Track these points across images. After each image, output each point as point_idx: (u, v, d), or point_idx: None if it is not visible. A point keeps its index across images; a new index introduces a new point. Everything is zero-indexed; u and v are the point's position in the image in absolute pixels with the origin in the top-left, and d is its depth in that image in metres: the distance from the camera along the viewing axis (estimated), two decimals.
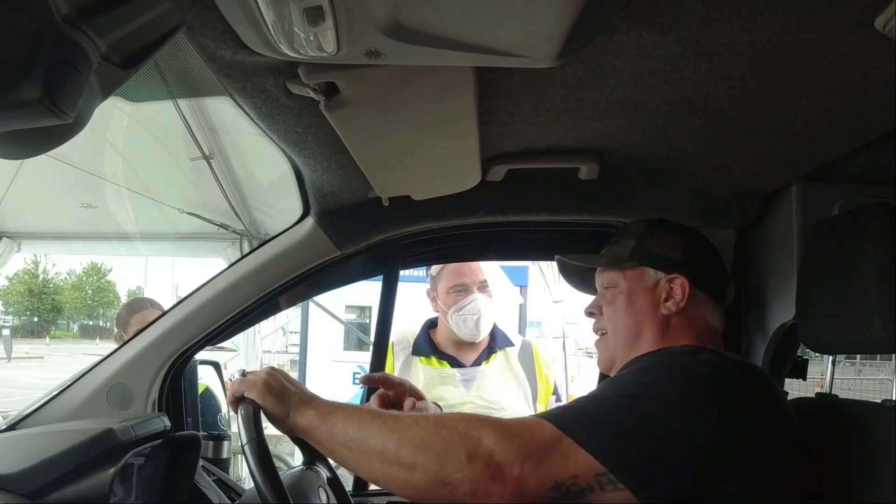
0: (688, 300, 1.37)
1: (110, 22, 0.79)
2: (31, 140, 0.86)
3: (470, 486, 1.03)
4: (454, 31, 0.85)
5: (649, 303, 1.39)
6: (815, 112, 1.27)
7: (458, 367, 2.46)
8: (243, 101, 1.17)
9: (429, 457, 1.05)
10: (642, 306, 1.40)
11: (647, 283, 1.41)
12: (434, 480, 1.04)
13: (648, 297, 1.40)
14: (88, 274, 46.08)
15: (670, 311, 1.37)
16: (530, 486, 1.03)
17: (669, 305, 1.37)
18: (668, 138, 1.47)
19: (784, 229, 1.72)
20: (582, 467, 1.04)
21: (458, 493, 1.03)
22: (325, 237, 1.87)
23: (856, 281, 1.28)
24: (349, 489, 1.93)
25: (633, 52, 1.06)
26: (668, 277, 1.39)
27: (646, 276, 1.42)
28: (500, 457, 1.03)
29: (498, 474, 1.02)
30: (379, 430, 1.10)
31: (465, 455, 1.03)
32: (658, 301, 1.38)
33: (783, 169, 1.63)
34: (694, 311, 1.38)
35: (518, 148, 1.57)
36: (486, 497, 1.03)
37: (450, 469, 1.03)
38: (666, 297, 1.38)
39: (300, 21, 0.80)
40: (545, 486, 1.04)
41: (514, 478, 1.02)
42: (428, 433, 1.07)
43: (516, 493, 1.02)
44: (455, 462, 1.03)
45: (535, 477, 1.03)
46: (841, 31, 0.98)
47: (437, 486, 1.04)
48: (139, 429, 1.32)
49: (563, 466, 1.04)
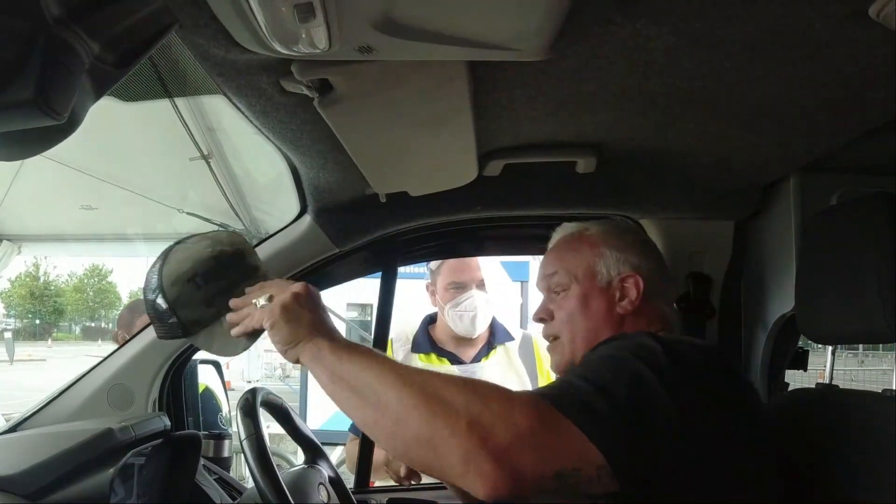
0: (642, 298, 1.36)
1: (102, 22, 0.79)
2: (25, 141, 0.86)
3: (461, 455, 0.95)
4: (445, 25, 0.85)
5: (604, 304, 1.37)
6: (813, 103, 1.27)
7: (457, 363, 2.46)
8: (237, 100, 1.17)
9: (424, 411, 0.98)
10: (597, 308, 1.37)
11: (601, 284, 1.38)
12: (423, 440, 0.98)
13: (602, 298, 1.37)
14: (89, 275, 46.14)
15: (626, 311, 1.36)
16: (528, 472, 0.96)
17: (625, 304, 1.36)
18: (665, 131, 1.47)
19: (783, 221, 1.72)
20: (585, 460, 0.97)
21: (448, 461, 0.97)
22: (322, 235, 1.87)
23: (855, 271, 1.28)
24: (351, 487, 1.93)
25: (627, 43, 1.06)
26: (620, 277, 1.37)
27: (597, 276, 1.39)
28: (500, 437, 0.95)
29: (493, 454, 0.95)
30: (382, 371, 1.04)
31: (465, 420, 0.96)
32: (612, 302, 1.36)
33: (781, 160, 1.63)
34: (648, 308, 1.37)
35: (515, 142, 1.57)
36: (478, 474, 0.95)
37: (443, 431, 0.96)
38: (620, 297, 1.37)
39: (291, 18, 0.79)
40: (546, 475, 0.96)
41: (510, 461, 0.95)
42: (432, 384, 1.01)
43: (512, 477, 0.95)
44: (452, 424, 0.96)
45: (535, 465, 0.95)
46: (836, 20, 0.97)
47: (426, 445, 0.98)
48: (139, 429, 1.32)
49: (566, 455, 0.97)
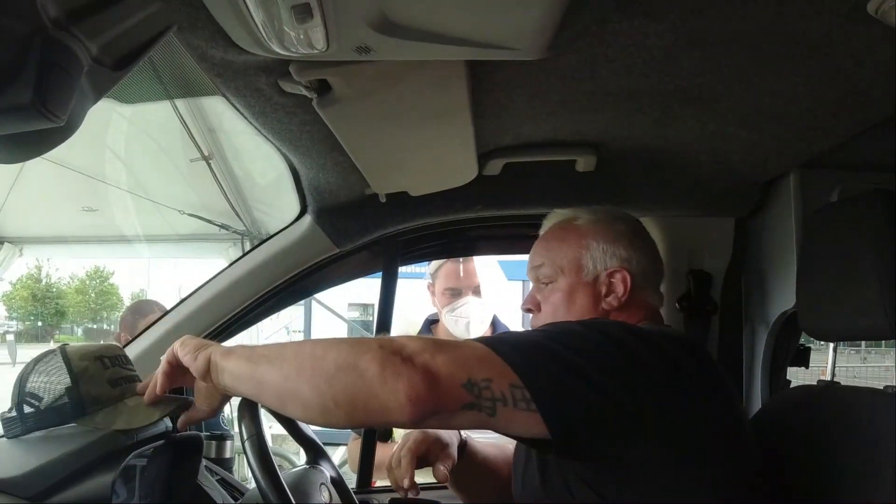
0: (630, 292, 1.33)
1: (100, 24, 0.79)
2: (25, 144, 0.86)
3: (378, 366, 0.97)
4: (443, 24, 0.85)
5: (590, 298, 1.35)
6: (812, 100, 1.27)
7: None
8: (236, 101, 1.17)
9: (341, 348, 1.02)
10: (582, 303, 1.35)
11: (587, 279, 1.36)
12: (343, 364, 0.99)
13: (588, 292, 1.35)
14: (91, 277, 46.08)
15: (611, 307, 1.34)
16: (442, 374, 0.97)
17: (611, 300, 1.34)
18: (665, 129, 1.47)
19: (783, 217, 1.72)
20: (498, 373, 0.99)
21: (367, 375, 0.98)
22: (323, 235, 1.87)
23: (856, 267, 1.28)
24: (352, 487, 1.93)
25: (626, 42, 1.06)
26: (608, 272, 1.35)
27: (583, 270, 1.36)
28: (413, 347, 0.99)
29: (408, 358, 0.98)
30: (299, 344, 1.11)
31: (376, 343, 1.00)
32: (598, 296, 1.34)
33: (781, 157, 1.63)
34: (636, 301, 1.35)
35: (514, 141, 1.57)
36: (395, 377, 0.96)
37: (359, 354, 0.99)
38: (607, 293, 1.34)
39: (289, 19, 0.80)
40: (458, 379, 0.98)
41: (423, 361, 0.97)
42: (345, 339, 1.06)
43: (427, 375, 0.96)
44: (366, 348, 1.00)
45: (447, 367, 0.98)
46: (834, 17, 0.97)
47: (346, 369, 0.99)
48: (141, 430, 1.32)
49: (479, 367, 0.99)
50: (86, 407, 1.29)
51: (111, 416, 1.30)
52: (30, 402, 1.29)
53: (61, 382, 1.29)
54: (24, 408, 1.29)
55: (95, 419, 1.29)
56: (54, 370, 1.30)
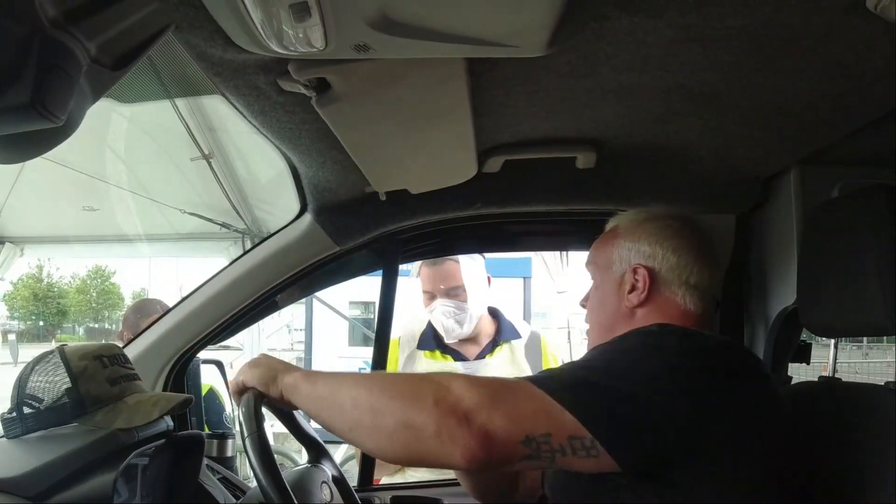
0: (650, 289, 1.35)
1: (98, 24, 0.79)
2: (24, 143, 0.86)
3: (435, 427, 1.00)
4: (442, 22, 0.85)
5: (615, 296, 1.39)
6: (812, 95, 1.27)
7: (461, 360, 2.46)
8: (235, 99, 1.17)
9: (398, 402, 1.05)
10: (609, 300, 1.40)
11: (615, 277, 1.40)
12: (400, 422, 1.03)
13: (614, 290, 1.39)
14: (92, 277, 46.13)
15: (633, 304, 1.36)
16: (499, 435, 1.00)
17: (632, 298, 1.36)
18: (665, 125, 1.47)
19: (784, 213, 1.72)
20: (556, 426, 1.02)
21: (424, 437, 1.01)
22: (323, 233, 1.87)
23: (856, 263, 1.28)
24: (355, 486, 1.94)
25: (624, 38, 1.06)
26: (632, 268, 1.37)
27: (613, 268, 1.41)
28: (468, 403, 1.01)
29: (464, 419, 1.00)
30: (356, 380, 1.11)
31: (432, 399, 1.02)
32: (623, 294, 1.37)
33: (782, 153, 1.62)
34: (661, 299, 1.36)
35: (514, 138, 1.57)
36: (451, 441, 1.00)
37: (416, 411, 1.02)
38: (630, 289, 1.37)
39: (287, 17, 0.79)
40: (515, 437, 1.01)
41: (481, 424, 1.00)
42: (401, 381, 1.10)
43: (484, 439, 1.00)
44: (422, 404, 1.02)
45: (505, 427, 1.00)
46: (833, 13, 0.97)
47: (404, 429, 1.03)
48: (142, 430, 1.32)
49: (536, 422, 1.02)
50: (86, 406, 1.30)
51: (111, 414, 1.30)
52: (30, 402, 1.29)
53: (61, 382, 1.30)
54: (24, 409, 1.29)
55: (95, 418, 1.29)
56: (53, 370, 1.31)
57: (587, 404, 1.04)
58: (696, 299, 1.36)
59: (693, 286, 1.36)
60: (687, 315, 1.36)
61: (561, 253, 6.16)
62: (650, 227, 1.40)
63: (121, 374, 1.37)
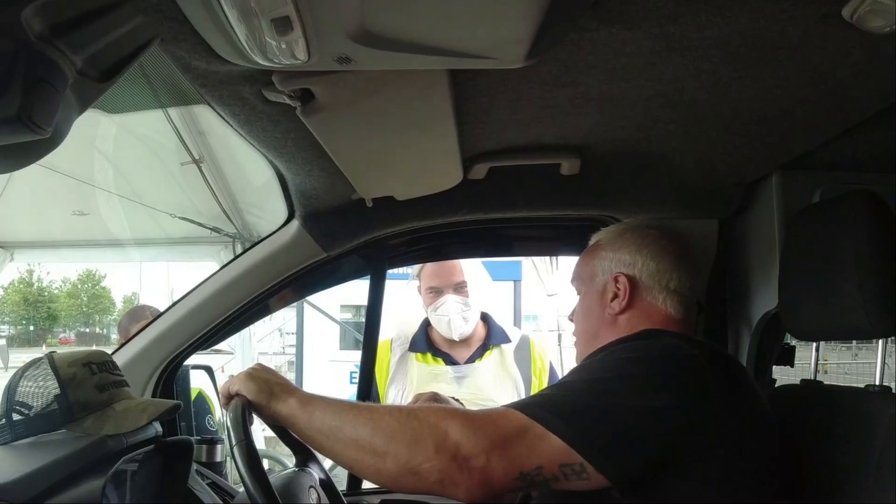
0: (631, 296, 1.39)
1: (84, 38, 0.80)
2: (11, 154, 0.87)
3: (438, 475, 1.07)
4: (422, 35, 0.86)
5: (599, 305, 1.43)
6: (791, 103, 1.29)
7: (451, 364, 2.47)
8: (221, 109, 1.18)
9: (399, 446, 1.09)
10: (594, 309, 1.45)
11: (598, 287, 1.45)
12: (404, 469, 1.09)
13: (598, 299, 1.44)
14: (83, 281, 45.87)
15: (615, 311, 1.40)
16: (496, 476, 1.07)
17: (614, 305, 1.40)
18: (647, 132, 1.48)
19: (766, 218, 1.73)
20: (547, 457, 1.07)
21: (427, 482, 1.08)
22: (310, 240, 1.88)
23: (837, 267, 1.29)
24: (343, 489, 1.94)
25: (604, 49, 1.07)
26: (613, 277, 1.41)
27: (595, 279, 1.45)
28: (467, 448, 1.07)
29: (464, 465, 1.06)
30: (355, 418, 1.13)
31: (433, 446, 1.07)
32: (606, 302, 1.41)
33: (763, 159, 1.64)
34: (643, 304, 1.40)
35: (498, 146, 1.58)
36: (453, 486, 1.07)
37: (419, 459, 1.08)
38: (612, 297, 1.41)
39: (270, 31, 0.81)
40: (511, 476, 1.08)
41: (479, 468, 1.06)
42: (399, 423, 1.12)
43: (482, 482, 1.07)
44: (424, 452, 1.08)
45: (501, 467, 1.07)
46: (810, 22, 0.99)
47: (408, 474, 1.09)
48: (131, 436, 1.33)
49: (528, 457, 1.07)
50: (74, 413, 1.30)
51: (100, 421, 1.31)
52: (19, 409, 1.30)
53: (50, 389, 1.30)
54: (14, 415, 1.30)
55: (84, 425, 1.30)
56: (43, 377, 1.31)
57: (574, 428, 1.08)
58: (677, 303, 1.40)
59: (673, 290, 1.40)
60: (668, 319, 1.39)
61: (550, 257, 6.19)
62: (629, 237, 1.45)
63: (109, 381, 1.38)
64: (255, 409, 1.18)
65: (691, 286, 1.42)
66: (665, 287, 1.39)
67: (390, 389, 2.48)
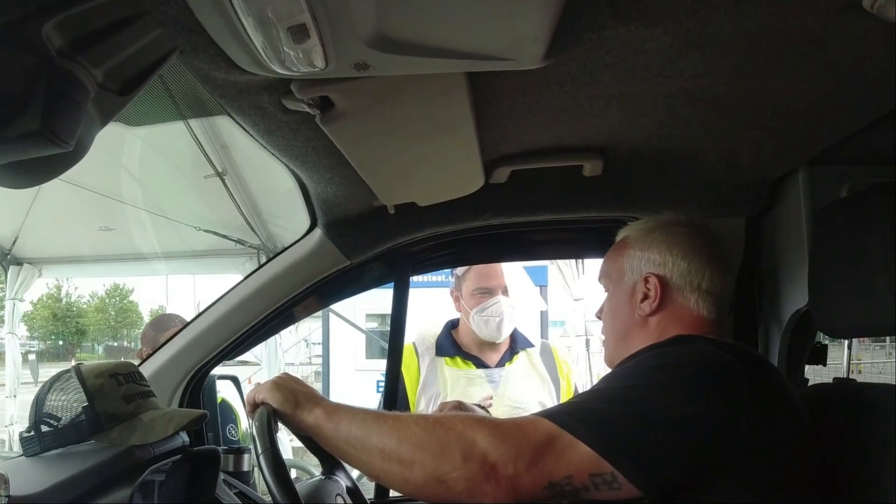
0: (663, 297, 1.35)
1: (104, 52, 0.81)
2: (36, 169, 0.88)
3: (465, 484, 1.05)
4: (439, 39, 0.86)
5: (628, 306, 1.39)
6: (814, 97, 1.27)
7: (482, 367, 2.47)
8: (241, 119, 1.19)
9: (426, 455, 1.08)
10: (623, 310, 1.41)
11: (627, 287, 1.41)
12: (431, 478, 1.07)
13: (627, 299, 1.40)
14: (111, 295, 46.45)
15: (645, 312, 1.36)
16: (524, 485, 1.05)
17: (644, 306, 1.36)
18: (670, 131, 1.47)
19: (793, 215, 1.71)
20: (576, 466, 1.05)
21: (455, 492, 1.06)
22: (333, 248, 1.88)
23: (867, 263, 1.27)
24: (370, 497, 1.94)
25: (623, 47, 1.06)
26: (643, 277, 1.38)
27: (624, 278, 1.42)
28: (494, 457, 1.05)
29: (492, 474, 1.04)
30: (380, 428, 1.13)
31: (460, 455, 1.06)
32: (636, 303, 1.38)
33: (788, 155, 1.62)
34: (674, 306, 1.36)
35: (519, 149, 1.57)
36: (482, 496, 1.05)
37: (446, 468, 1.06)
38: (643, 298, 1.37)
39: (287, 39, 0.81)
40: (539, 485, 1.05)
41: (507, 477, 1.05)
42: (426, 432, 1.10)
43: (510, 492, 1.05)
44: (451, 461, 1.06)
45: (529, 477, 1.05)
46: (830, 14, 0.97)
47: (435, 483, 1.07)
48: (158, 446, 1.34)
49: (557, 466, 1.05)
50: (102, 424, 1.31)
51: (127, 431, 1.32)
52: (47, 421, 1.31)
53: (77, 401, 1.31)
54: (42, 427, 1.31)
55: (111, 435, 1.31)
56: (70, 389, 1.33)
57: (605, 437, 1.06)
58: (710, 304, 1.36)
59: (706, 291, 1.35)
60: (701, 321, 1.35)
61: (576, 261, 6.16)
62: (659, 235, 1.40)
63: (136, 392, 1.39)
64: (280, 418, 1.19)
65: (724, 286, 1.38)
66: (697, 287, 1.35)
67: (422, 396, 2.47)
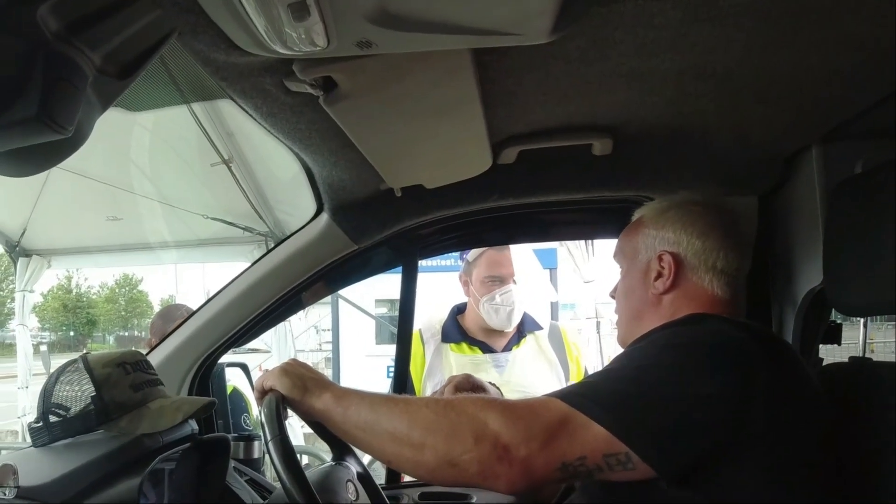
0: (677, 275, 1.35)
1: (101, 34, 0.79)
2: (36, 156, 0.86)
3: (477, 466, 1.05)
4: (443, 13, 0.84)
5: (642, 284, 1.39)
6: (826, 71, 1.24)
7: (489, 352, 2.46)
8: (243, 102, 1.17)
9: (438, 438, 1.07)
10: (637, 288, 1.41)
11: (641, 265, 1.40)
12: (443, 461, 1.07)
13: (641, 278, 1.40)
14: (120, 286, 46.73)
15: (659, 291, 1.36)
16: (537, 466, 1.04)
17: (658, 284, 1.36)
18: (680, 108, 1.44)
19: (807, 192, 1.68)
20: (590, 446, 1.04)
21: (467, 474, 1.06)
22: (340, 232, 1.87)
23: (882, 239, 1.25)
24: (381, 483, 1.94)
25: (632, 22, 1.04)
26: (657, 255, 1.37)
27: (639, 257, 1.41)
28: (507, 438, 1.04)
29: (504, 455, 1.04)
30: (391, 411, 1.12)
31: (472, 437, 1.05)
32: (649, 281, 1.38)
33: (801, 131, 1.59)
34: (688, 285, 1.35)
35: (527, 128, 1.55)
36: (494, 477, 1.05)
37: (458, 450, 1.06)
38: (657, 276, 1.37)
39: (287, 17, 0.79)
40: (552, 466, 1.05)
41: (520, 459, 1.04)
42: (437, 415, 1.10)
43: (523, 473, 1.04)
44: (463, 443, 1.05)
45: (542, 458, 1.04)
46: None
47: (447, 466, 1.07)
48: (167, 434, 1.33)
49: (571, 447, 1.04)
50: (110, 413, 1.31)
51: (136, 420, 1.32)
52: (56, 411, 1.31)
53: (85, 391, 1.31)
54: (51, 417, 1.31)
55: (120, 424, 1.31)
56: (77, 379, 1.32)
57: (619, 417, 1.04)
58: (724, 284, 1.35)
59: (720, 271, 1.35)
60: (715, 300, 1.34)
61: (586, 242, 6.13)
62: (674, 214, 1.40)
63: (143, 380, 1.39)
64: (289, 404, 1.18)
65: (739, 265, 1.37)
66: (712, 267, 1.34)
67: (427, 383, 2.46)
